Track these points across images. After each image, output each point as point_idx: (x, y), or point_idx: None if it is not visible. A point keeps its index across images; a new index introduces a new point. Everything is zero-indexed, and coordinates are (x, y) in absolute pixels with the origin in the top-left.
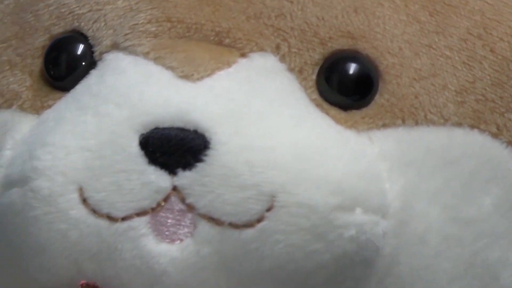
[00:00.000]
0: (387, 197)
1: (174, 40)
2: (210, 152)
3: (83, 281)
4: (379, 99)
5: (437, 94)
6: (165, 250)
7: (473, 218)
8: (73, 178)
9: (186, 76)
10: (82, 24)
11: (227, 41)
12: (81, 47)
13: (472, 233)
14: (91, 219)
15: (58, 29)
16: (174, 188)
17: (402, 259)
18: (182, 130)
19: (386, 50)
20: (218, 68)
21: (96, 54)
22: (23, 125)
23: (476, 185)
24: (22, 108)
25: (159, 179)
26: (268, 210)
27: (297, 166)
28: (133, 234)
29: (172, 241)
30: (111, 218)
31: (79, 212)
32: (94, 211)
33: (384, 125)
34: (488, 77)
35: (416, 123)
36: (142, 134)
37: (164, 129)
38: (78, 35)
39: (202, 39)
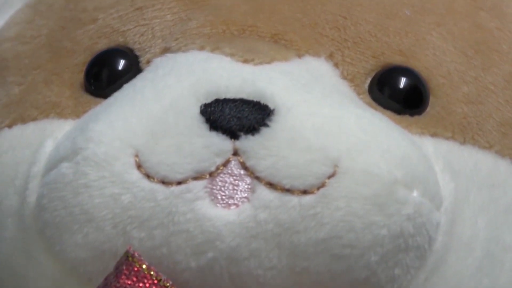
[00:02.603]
0: (441, 191)
1: (230, 37)
2: (275, 118)
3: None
4: (431, 110)
5: (483, 120)
6: (221, 214)
7: None
8: (130, 142)
9: (246, 61)
10: (128, 38)
11: (282, 42)
12: (122, 62)
13: (511, 261)
14: (146, 183)
15: (101, 46)
16: (235, 153)
17: (450, 260)
18: (246, 100)
19: (436, 72)
20: (276, 59)
21: (142, 62)
22: (65, 127)
23: None
24: (61, 115)
25: (222, 142)
26: (330, 177)
27: (363, 136)
28: (189, 197)
29: (229, 205)
30: (166, 183)
31: (134, 176)
32: (149, 176)
33: (436, 134)
34: None
35: (464, 141)
36: (205, 103)
37: (227, 98)
38: (121, 49)
39: (257, 40)
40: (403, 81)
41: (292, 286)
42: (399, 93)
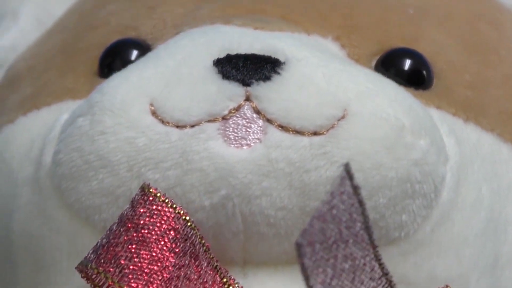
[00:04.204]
0: (446, 149)
1: (240, 15)
2: (286, 67)
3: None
4: (435, 89)
5: (484, 105)
6: (234, 152)
7: None
8: (145, 91)
9: (257, 28)
10: (141, 32)
11: (291, 22)
12: (135, 53)
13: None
14: (160, 127)
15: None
16: (247, 99)
17: (456, 218)
18: (257, 55)
19: (438, 59)
20: (285, 29)
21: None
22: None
23: None
24: (76, 97)
25: (234, 88)
26: (340, 120)
27: (371, 86)
28: (203, 137)
29: (241, 145)
30: (180, 126)
31: (149, 120)
32: (163, 121)
33: (440, 107)
34: None
35: (467, 119)
36: (218, 58)
37: (239, 54)
38: (133, 39)
39: (267, 17)
40: (408, 62)
41: (302, 228)
42: (405, 73)
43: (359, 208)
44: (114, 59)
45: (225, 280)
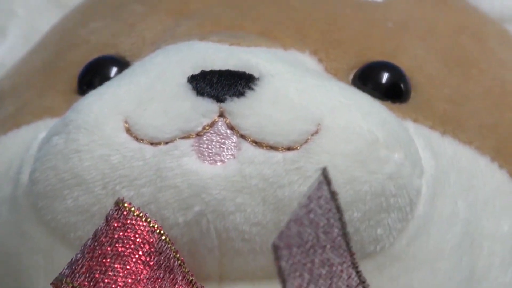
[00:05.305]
0: (422, 162)
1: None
2: (260, 83)
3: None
4: (412, 102)
5: (463, 119)
6: (207, 168)
7: (491, 235)
8: (119, 109)
9: (232, 44)
10: (119, 49)
11: (268, 38)
12: (114, 70)
13: (488, 248)
14: (135, 144)
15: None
16: (221, 115)
17: (431, 231)
18: (231, 70)
19: (417, 73)
20: (262, 45)
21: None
22: None
23: (496, 206)
24: (55, 115)
25: (208, 104)
26: (313, 135)
27: (344, 100)
28: (177, 154)
29: (215, 162)
30: (154, 144)
31: (123, 138)
32: (138, 138)
33: (416, 120)
34: (510, 128)
35: (444, 132)
36: (192, 74)
37: (213, 70)
38: (112, 56)
39: (244, 33)
40: (385, 76)
41: None
42: (382, 86)
43: (336, 214)
44: (93, 76)
45: None
